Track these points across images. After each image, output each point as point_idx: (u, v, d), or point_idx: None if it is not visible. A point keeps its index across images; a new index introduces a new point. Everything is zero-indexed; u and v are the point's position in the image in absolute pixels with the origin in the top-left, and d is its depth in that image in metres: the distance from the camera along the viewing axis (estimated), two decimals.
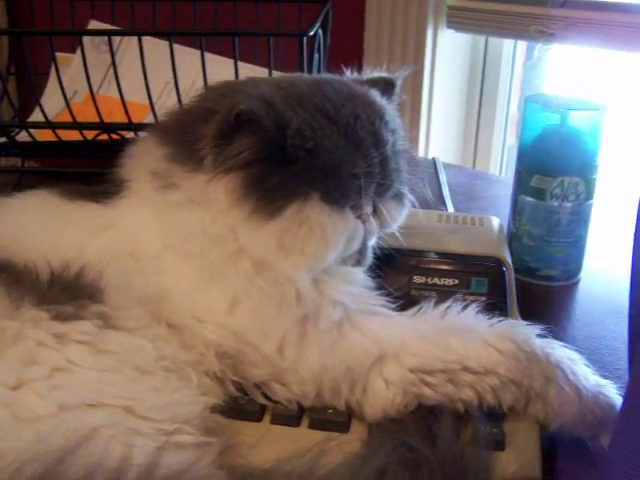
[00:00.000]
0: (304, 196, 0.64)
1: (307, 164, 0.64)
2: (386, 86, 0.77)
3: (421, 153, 1.81)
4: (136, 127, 1.00)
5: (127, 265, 0.65)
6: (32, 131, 1.10)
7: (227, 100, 0.64)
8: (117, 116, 1.09)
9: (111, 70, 1.38)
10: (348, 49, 0.89)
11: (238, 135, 0.62)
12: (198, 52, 0.97)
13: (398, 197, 0.72)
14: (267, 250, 0.64)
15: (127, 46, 1.33)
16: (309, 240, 0.64)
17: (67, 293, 0.60)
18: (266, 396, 0.66)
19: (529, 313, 0.77)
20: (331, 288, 0.67)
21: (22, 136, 1.14)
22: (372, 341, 0.65)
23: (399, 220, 0.73)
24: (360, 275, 0.71)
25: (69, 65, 1.38)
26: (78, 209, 0.70)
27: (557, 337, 0.68)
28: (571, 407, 0.63)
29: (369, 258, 0.73)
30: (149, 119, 1.10)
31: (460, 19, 1.77)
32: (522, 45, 1.83)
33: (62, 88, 0.97)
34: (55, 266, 0.62)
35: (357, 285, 0.70)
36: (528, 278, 0.96)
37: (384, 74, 0.79)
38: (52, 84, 1.35)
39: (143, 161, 0.71)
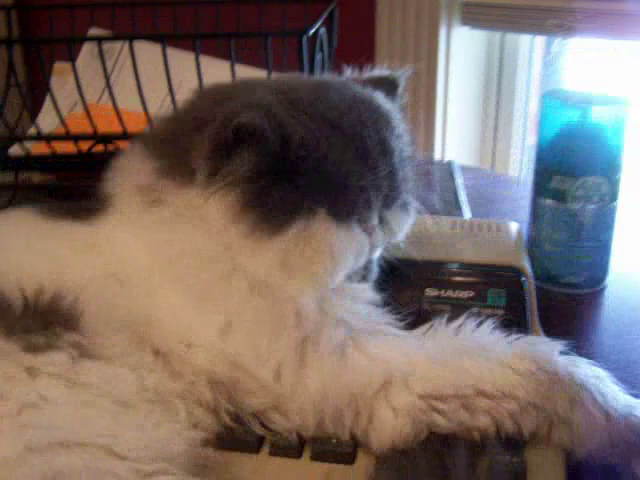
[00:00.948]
0: (309, 212, 0.60)
1: (312, 177, 0.60)
2: (389, 86, 0.74)
3: (437, 156, 1.77)
4: (133, 137, 0.95)
5: (109, 288, 0.61)
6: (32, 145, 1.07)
7: (221, 109, 0.60)
8: (119, 126, 1.05)
9: (113, 78, 1.36)
10: (359, 49, 0.85)
11: (235, 149, 0.59)
12: (200, 57, 0.92)
13: (404, 207, 0.69)
14: (269, 270, 0.61)
15: (126, 50, 1.30)
16: (316, 259, 0.61)
17: (40, 321, 0.56)
18: (264, 426, 0.62)
19: (551, 324, 0.75)
20: (334, 306, 0.63)
21: (18, 150, 1.10)
22: (378, 365, 0.61)
23: (405, 230, 0.70)
24: (367, 292, 0.67)
25: (70, 74, 1.35)
26: (58, 229, 0.66)
27: (582, 351, 0.64)
28: (599, 432, 0.59)
29: (375, 272, 0.69)
30: None
31: (475, 15, 1.72)
32: (540, 40, 1.77)
33: (53, 97, 0.92)
34: (29, 291, 0.58)
35: (362, 302, 0.66)
36: (550, 286, 0.92)
37: (386, 73, 0.75)
38: (49, 97, 1.32)
39: (128, 175, 0.67)
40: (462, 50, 1.78)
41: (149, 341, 0.60)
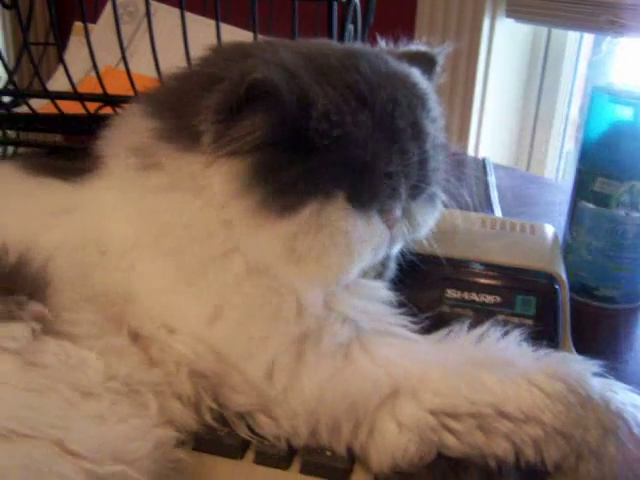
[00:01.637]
0: (326, 194, 0.55)
1: (332, 155, 0.54)
2: (426, 63, 0.67)
3: (471, 152, 1.72)
4: None
5: (86, 256, 0.56)
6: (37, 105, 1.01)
7: (237, 65, 0.55)
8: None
9: (133, 42, 1.30)
10: (396, 33, 0.78)
11: (248, 110, 0.53)
12: (222, 25, 0.86)
13: (431, 199, 0.63)
14: (272, 254, 0.55)
15: (153, 16, 1.25)
16: (329, 249, 0.55)
17: (2, 285, 0.51)
18: (251, 429, 0.57)
19: (584, 341, 0.70)
20: (342, 301, 0.58)
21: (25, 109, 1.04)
22: (385, 371, 0.55)
23: (430, 225, 0.64)
24: (381, 290, 0.62)
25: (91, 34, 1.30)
26: (40, 186, 0.61)
27: (618, 374, 0.59)
28: (635, 469, 0.53)
29: (392, 269, 0.64)
30: None
31: (521, 7, 1.67)
32: (589, 38, 1.71)
33: (61, 57, 0.86)
34: None
35: (375, 301, 0.60)
36: (584, 298, 0.87)
37: (424, 48, 0.69)
38: (69, 55, 1.27)
39: (124, 134, 0.62)
40: (505, 43, 1.74)
41: (126, 322, 0.55)
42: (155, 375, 0.53)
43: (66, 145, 0.94)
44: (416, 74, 0.63)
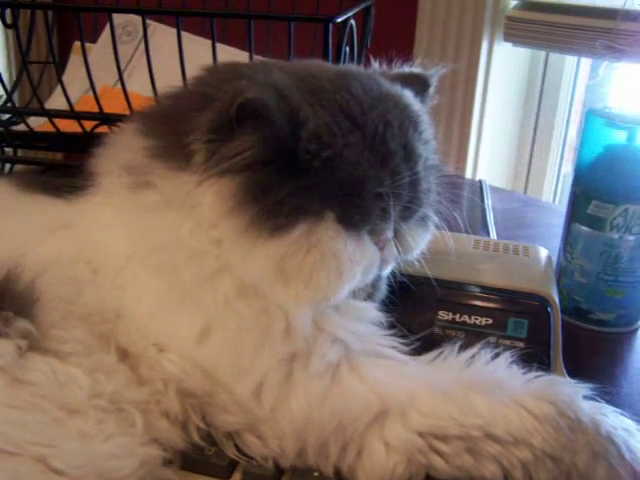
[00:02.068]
0: (316, 215, 0.54)
1: (323, 176, 0.54)
2: (419, 85, 0.67)
3: (468, 175, 1.71)
4: None
5: (76, 274, 0.56)
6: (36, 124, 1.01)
7: (230, 86, 0.55)
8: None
9: (131, 62, 1.31)
10: (393, 59, 0.78)
11: (239, 130, 0.53)
12: (218, 45, 0.86)
13: (423, 220, 0.63)
14: (262, 274, 0.55)
15: (151, 35, 1.25)
16: (319, 270, 0.55)
17: None
18: (239, 449, 0.56)
19: (576, 364, 0.69)
20: (332, 322, 0.57)
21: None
22: (374, 391, 0.54)
23: (422, 246, 0.63)
24: (372, 312, 0.61)
25: (90, 54, 1.31)
26: (34, 203, 0.61)
27: (610, 398, 0.59)
28: None
29: (383, 291, 0.64)
30: None
31: (519, 32, 1.67)
32: (586, 62, 1.71)
33: (59, 76, 0.86)
34: None
35: (365, 322, 0.60)
36: (578, 321, 0.86)
37: (417, 70, 0.69)
38: (68, 75, 1.28)
39: (118, 152, 0.62)
40: (503, 67, 1.74)
41: (115, 340, 0.55)
42: (143, 393, 0.53)
43: (62, 163, 0.94)
44: (408, 96, 0.63)
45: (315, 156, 0.53)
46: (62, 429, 0.46)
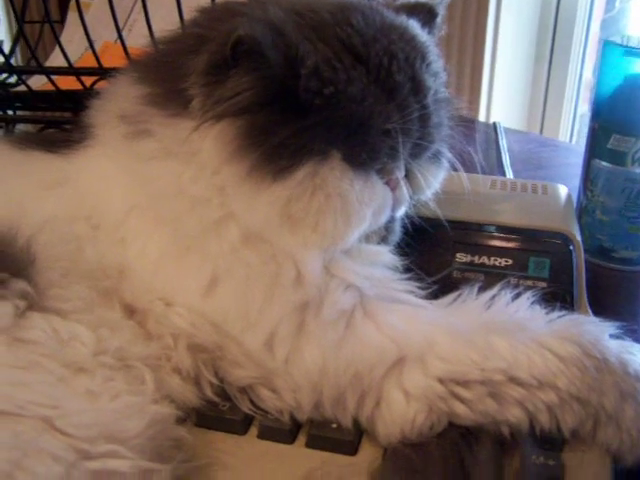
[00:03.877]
0: (321, 155, 0.52)
1: (326, 114, 0.52)
2: (426, 15, 0.64)
3: (481, 118, 1.69)
4: None
5: (75, 230, 0.54)
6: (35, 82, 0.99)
7: (224, 25, 0.52)
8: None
9: (132, 15, 1.28)
10: None
11: (235, 70, 0.51)
12: None
13: (436, 157, 0.60)
14: (267, 220, 0.53)
15: None
16: (325, 213, 0.53)
17: None
18: (254, 404, 0.55)
19: (601, 303, 0.67)
20: (344, 268, 0.55)
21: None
22: (390, 338, 0.53)
23: (435, 186, 0.62)
24: (386, 255, 0.59)
25: (89, 10, 1.28)
26: (28, 160, 0.59)
27: (636, 336, 0.57)
28: None
29: (397, 233, 0.62)
30: None
31: None
32: None
33: (55, 34, 0.85)
34: None
35: (380, 266, 0.58)
36: (601, 260, 0.84)
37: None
38: (67, 33, 1.25)
39: (113, 102, 0.60)
40: (515, 3, 1.69)
41: (119, 296, 0.53)
42: (152, 349, 0.52)
43: (62, 119, 0.92)
44: (415, 26, 0.60)
45: (317, 94, 0.51)
46: (66, 388, 0.45)
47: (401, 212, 0.60)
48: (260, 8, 0.55)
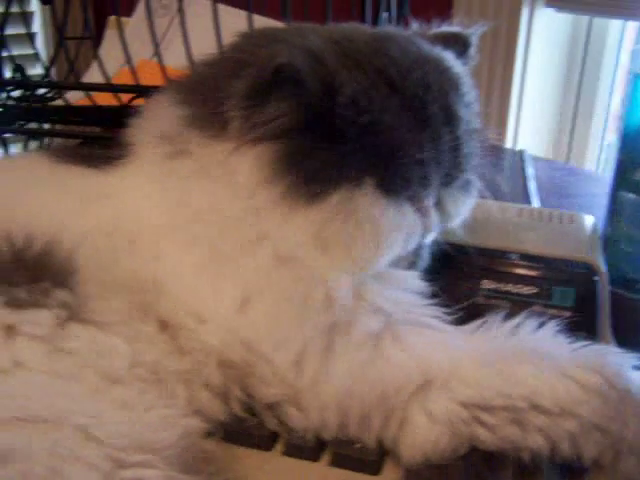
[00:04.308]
0: (355, 182, 0.53)
1: (361, 142, 0.53)
2: (460, 45, 0.65)
3: (509, 145, 1.68)
4: None
5: (114, 245, 0.55)
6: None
7: (265, 51, 0.54)
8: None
9: (167, 35, 1.30)
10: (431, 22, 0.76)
11: (275, 95, 0.52)
12: (254, 16, 0.85)
13: (466, 186, 0.61)
14: (300, 242, 0.54)
15: (186, 8, 1.24)
16: (357, 238, 0.54)
17: (26, 273, 0.50)
18: (280, 421, 0.55)
19: (624, 334, 0.67)
20: (372, 291, 0.56)
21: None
22: (417, 362, 0.53)
23: (464, 214, 0.62)
24: (414, 281, 0.59)
25: (126, 28, 1.30)
26: (68, 175, 0.60)
27: None
28: None
29: (426, 260, 0.62)
30: None
31: None
32: (631, 27, 1.66)
33: (94, 50, 0.86)
34: (21, 240, 0.52)
35: (408, 291, 0.58)
36: (625, 291, 0.83)
37: (456, 29, 0.67)
38: (104, 50, 1.27)
39: (154, 122, 0.61)
40: (544, 33, 1.69)
41: (154, 311, 0.54)
42: (184, 364, 0.52)
43: (99, 135, 0.94)
44: (449, 57, 0.61)
45: (352, 122, 0.52)
46: (103, 398, 0.46)
47: (430, 239, 0.60)
48: (299, 35, 0.57)
